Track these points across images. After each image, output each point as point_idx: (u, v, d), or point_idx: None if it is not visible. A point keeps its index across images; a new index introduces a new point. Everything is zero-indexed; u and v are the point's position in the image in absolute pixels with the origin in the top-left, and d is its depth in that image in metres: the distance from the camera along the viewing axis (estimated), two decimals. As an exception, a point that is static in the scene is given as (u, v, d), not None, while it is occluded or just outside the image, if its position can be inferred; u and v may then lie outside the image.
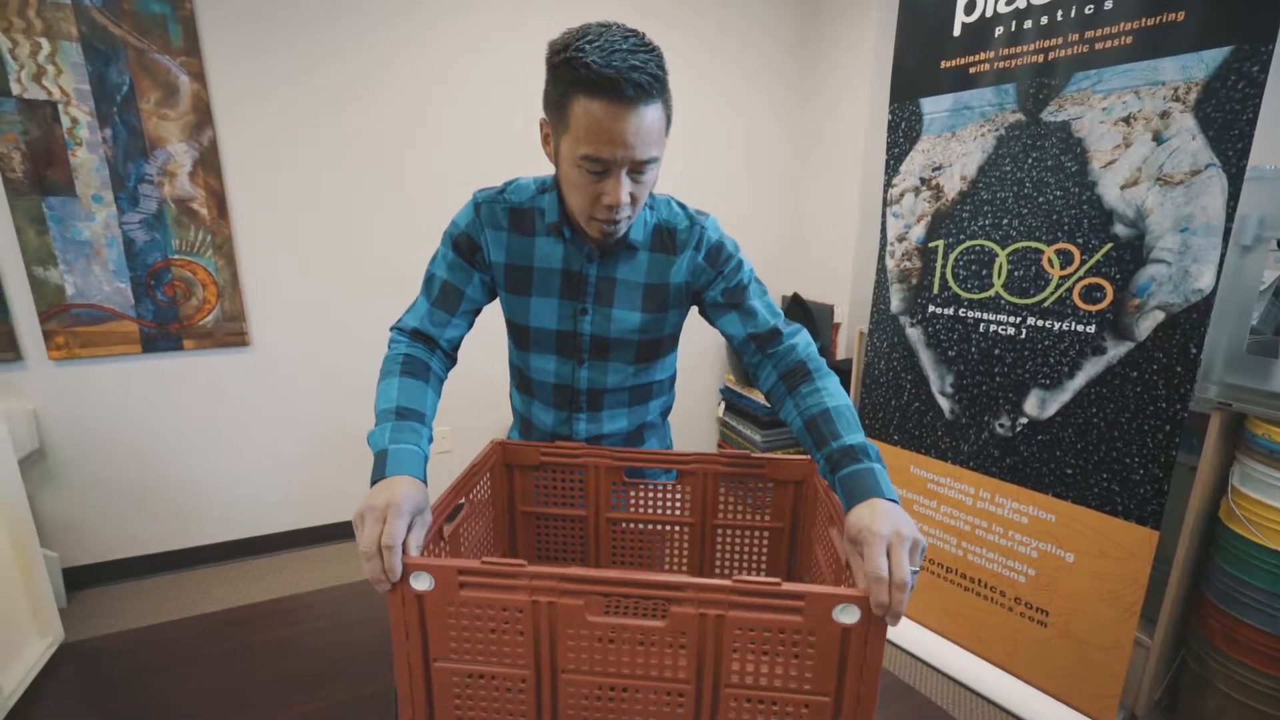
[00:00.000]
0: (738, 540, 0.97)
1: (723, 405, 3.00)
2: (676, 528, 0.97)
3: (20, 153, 1.84)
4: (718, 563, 0.97)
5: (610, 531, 0.97)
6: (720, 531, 0.97)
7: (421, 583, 0.61)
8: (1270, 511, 1.36)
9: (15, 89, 1.80)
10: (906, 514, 0.63)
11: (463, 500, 0.79)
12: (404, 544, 0.61)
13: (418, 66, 2.24)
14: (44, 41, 1.80)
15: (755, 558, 0.98)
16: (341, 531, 2.50)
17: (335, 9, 2.10)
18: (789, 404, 0.83)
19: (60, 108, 1.85)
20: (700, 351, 2.94)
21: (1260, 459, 1.38)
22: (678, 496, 0.96)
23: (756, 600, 0.59)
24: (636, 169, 0.76)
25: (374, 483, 0.67)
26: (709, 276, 0.93)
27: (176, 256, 2.06)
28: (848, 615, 0.57)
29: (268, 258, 2.18)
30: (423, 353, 0.89)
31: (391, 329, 0.93)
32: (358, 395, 2.40)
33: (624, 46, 0.71)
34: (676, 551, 0.98)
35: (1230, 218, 1.25)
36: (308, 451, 2.38)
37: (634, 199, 0.79)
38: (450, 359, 0.94)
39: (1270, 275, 1.50)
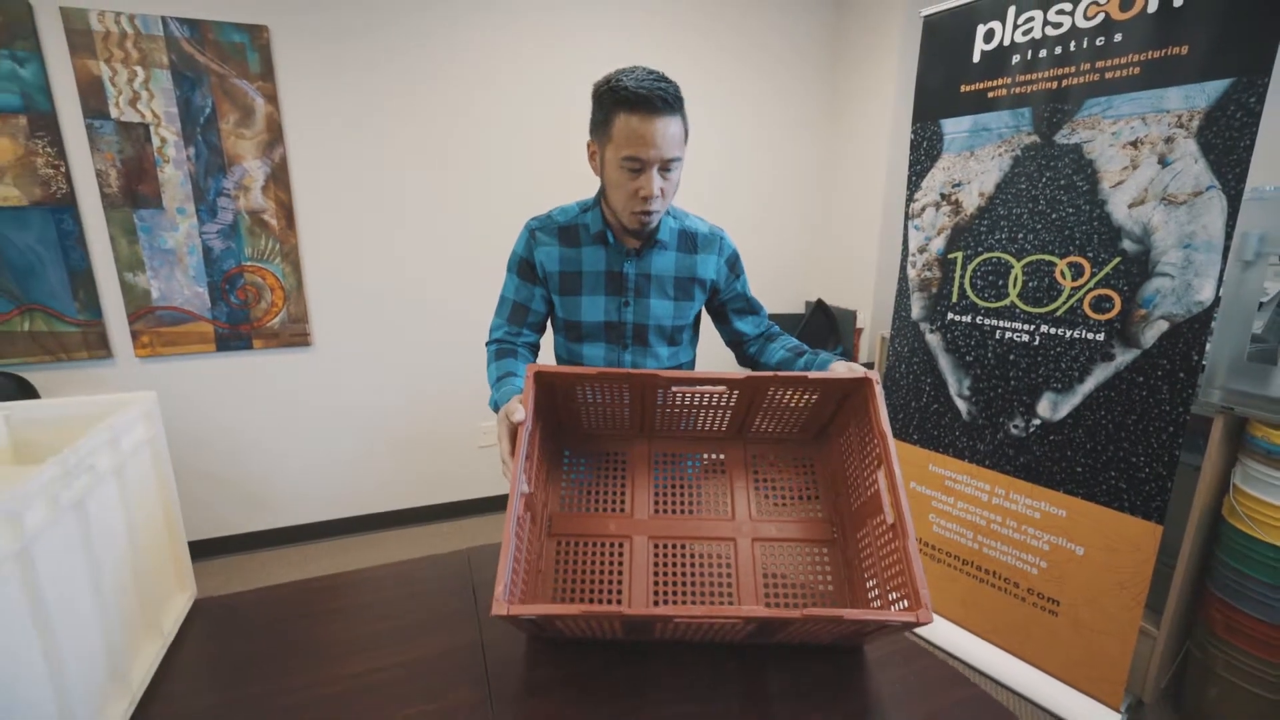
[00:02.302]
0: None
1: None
2: (721, 399, 0.96)
3: (116, 170, 2.04)
4: (757, 422, 1.01)
5: (656, 410, 0.98)
6: (763, 413, 0.98)
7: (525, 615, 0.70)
8: (1270, 509, 1.45)
9: (114, 113, 2.00)
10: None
11: (527, 488, 0.85)
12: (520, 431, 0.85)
13: (470, 87, 2.41)
14: (139, 70, 2.00)
15: (792, 435, 1.02)
16: (394, 520, 2.68)
17: (395, 36, 2.27)
18: (774, 345, 1.19)
19: (151, 129, 2.05)
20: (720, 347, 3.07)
21: (1261, 460, 1.47)
22: (721, 398, 0.96)
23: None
24: (664, 167, 0.98)
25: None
26: (729, 280, 1.20)
27: (249, 263, 2.24)
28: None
29: (329, 264, 2.36)
30: (508, 347, 1.16)
31: (488, 340, 1.20)
32: (410, 393, 2.57)
33: (650, 77, 0.95)
34: (719, 418, 1.01)
35: (1229, 235, 1.35)
36: (363, 444, 2.56)
37: (663, 193, 1.00)
38: (533, 348, 1.21)
39: (1272, 288, 1.59)
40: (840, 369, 0.96)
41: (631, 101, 0.93)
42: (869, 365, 2.71)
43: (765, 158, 2.95)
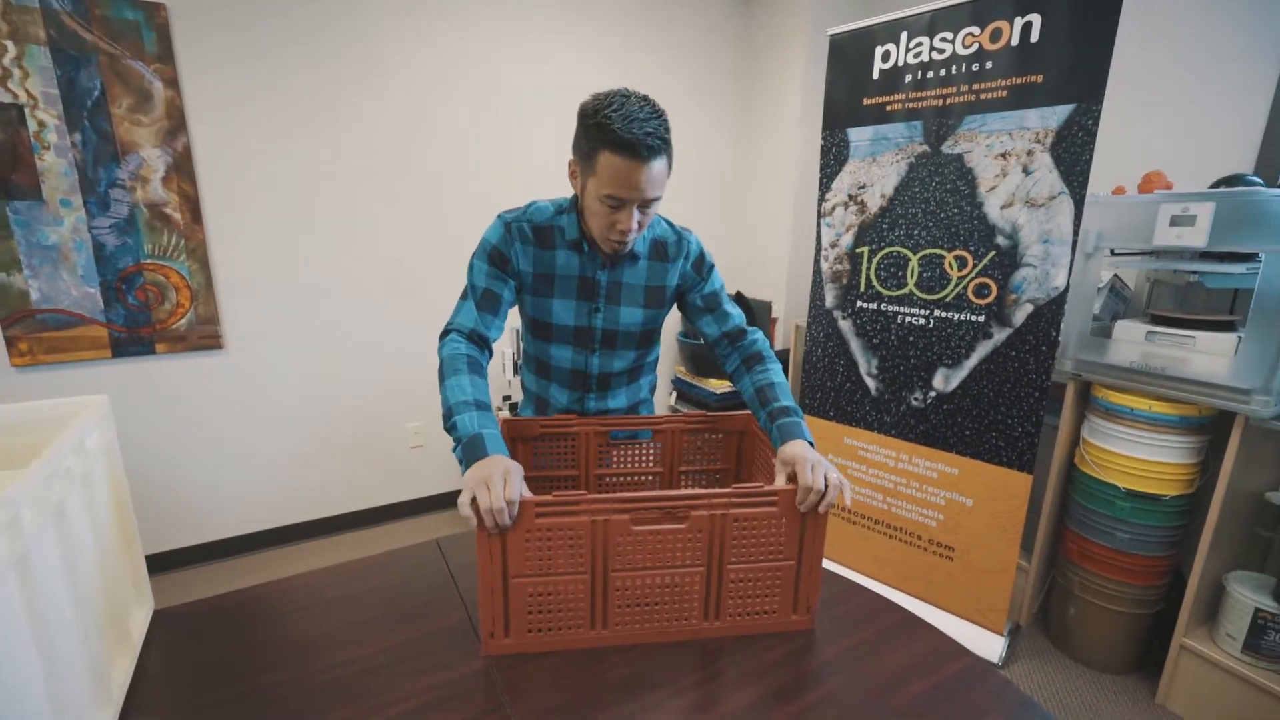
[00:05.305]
0: (698, 482, 1.23)
1: (674, 394, 3.27)
2: (651, 477, 1.22)
3: (-18, 156, 1.81)
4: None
5: (598, 485, 1.20)
6: (684, 477, 1.22)
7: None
8: (1110, 455, 1.78)
9: (-22, 91, 1.78)
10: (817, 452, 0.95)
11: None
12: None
13: (394, 71, 2.35)
14: (9, 44, 1.79)
15: None
16: (325, 527, 2.57)
17: (310, 17, 2.17)
18: (746, 378, 1.13)
19: (27, 111, 1.84)
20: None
21: (1101, 416, 1.80)
22: (650, 452, 1.21)
23: (749, 499, 0.88)
24: (644, 205, 1.00)
25: (474, 458, 0.87)
26: (693, 281, 1.21)
27: (149, 261, 2.07)
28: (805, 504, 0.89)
29: (242, 262, 2.22)
30: (476, 352, 1.07)
31: (447, 330, 1.09)
32: (335, 395, 2.48)
33: (640, 115, 0.92)
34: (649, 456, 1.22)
35: (1076, 232, 1.65)
36: (286, 451, 2.43)
37: (640, 225, 1.04)
38: (491, 354, 1.12)
39: (1107, 275, 1.93)
40: (797, 463, 0.91)
41: (618, 144, 0.92)
42: (784, 351, 2.94)
43: (684, 156, 3.09)
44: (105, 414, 0.94)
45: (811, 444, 0.97)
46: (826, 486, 0.87)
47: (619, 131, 0.91)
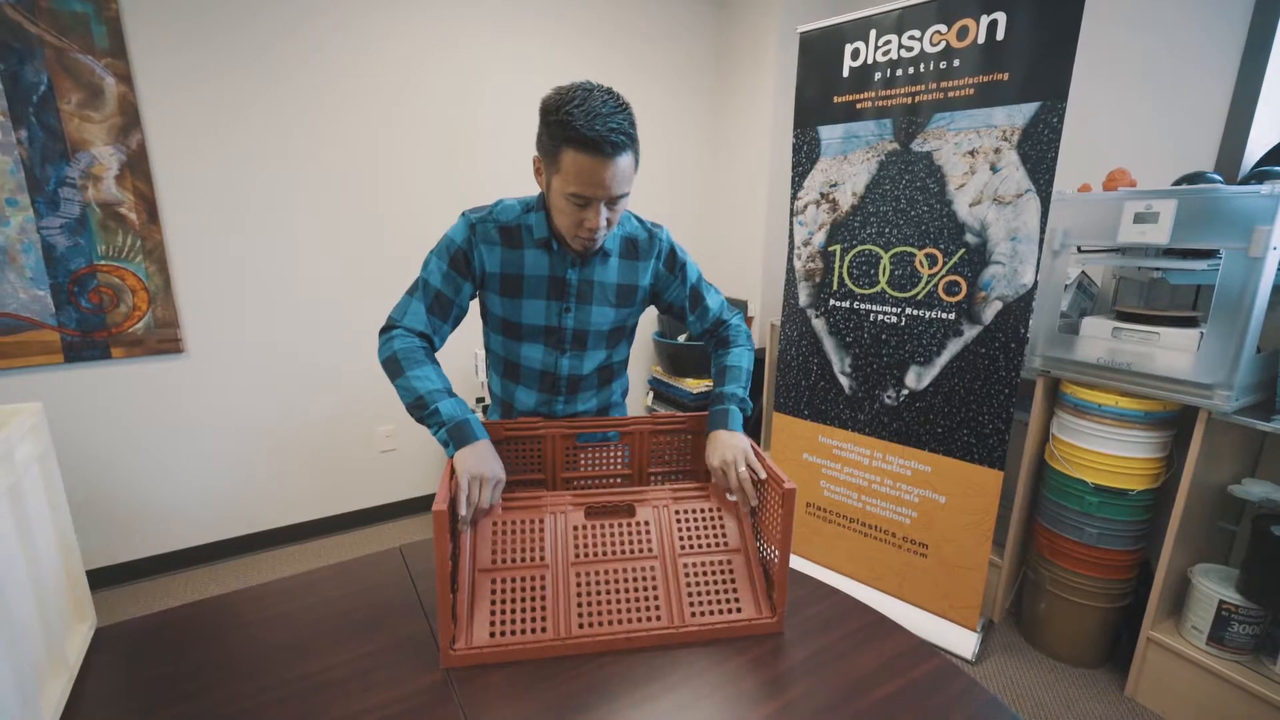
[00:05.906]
0: (668, 483, 1.21)
1: (651, 395, 3.26)
2: (619, 480, 1.19)
3: (-80, 153, 1.73)
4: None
5: (565, 489, 1.17)
6: (654, 478, 1.21)
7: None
8: (1079, 451, 1.80)
9: (-86, 86, 1.69)
10: (737, 436, 1.03)
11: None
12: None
13: (361, 66, 2.30)
14: (-52, 37, 1.71)
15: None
16: (293, 535, 2.50)
17: (273, 13, 2.11)
18: (713, 364, 1.22)
19: (-33, 107, 1.76)
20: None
21: (1070, 412, 1.82)
22: (619, 454, 1.20)
23: (685, 493, 0.98)
24: (611, 202, 0.98)
25: (465, 441, 0.95)
26: (667, 280, 1.20)
27: (103, 262, 1.99)
28: (735, 495, 0.98)
29: (203, 263, 2.15)
30: (430, 349, 1.08)
31: (397, 326, 1.08)
32: (302, 399, 2.41)
33: (604, 110, 0.90)
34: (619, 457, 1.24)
35: (1043, 229, 1.66)
36: (253, 457, 2.36)
37: (609, 222, 1.02)
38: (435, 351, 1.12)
39: (1074, 272, 1.95)
40: (714, 452, 1.02)
41: (581, 142, 0.90)
42: (760, 351, 2.94)
43: (656, 156, 3.08)
44: (39, 422, 0.89)
45: (733, 429, 1.06)
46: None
47: (582, 128, 0.89)
